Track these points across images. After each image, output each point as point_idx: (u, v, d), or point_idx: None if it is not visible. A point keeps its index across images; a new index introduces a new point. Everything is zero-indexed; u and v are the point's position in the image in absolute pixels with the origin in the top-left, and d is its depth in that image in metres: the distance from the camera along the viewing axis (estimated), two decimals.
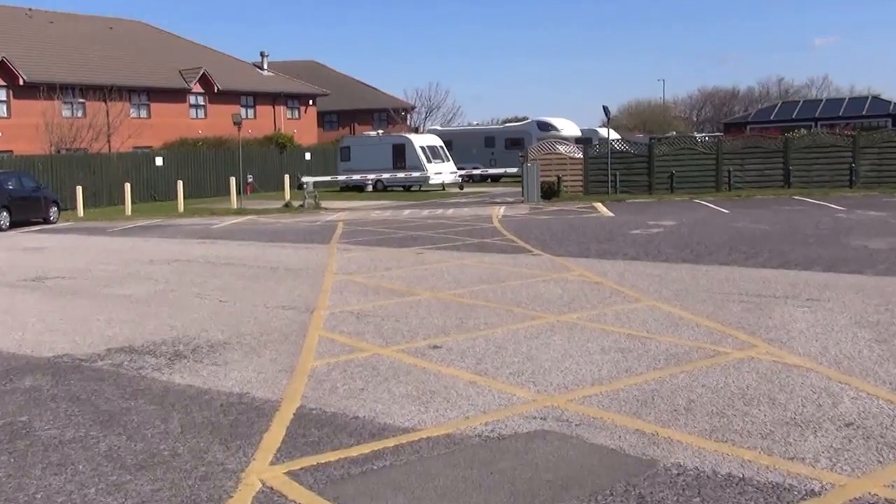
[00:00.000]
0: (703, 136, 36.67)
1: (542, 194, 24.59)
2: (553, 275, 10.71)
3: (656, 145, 26.85)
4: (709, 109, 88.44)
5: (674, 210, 20.35)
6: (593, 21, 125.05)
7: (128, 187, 26.59)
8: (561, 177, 25.51)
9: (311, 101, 47.18)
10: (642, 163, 25.92)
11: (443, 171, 33.38)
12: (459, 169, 34.16)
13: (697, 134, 38.36)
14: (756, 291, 9.11)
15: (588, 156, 26.21)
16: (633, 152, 26.22)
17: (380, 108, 52.86)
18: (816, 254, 11.90)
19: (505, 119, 60.27)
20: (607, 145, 26.23)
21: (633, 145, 27.37)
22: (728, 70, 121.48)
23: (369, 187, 33.78)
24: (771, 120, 40.51)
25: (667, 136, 40.21)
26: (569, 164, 26.20)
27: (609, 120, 27.62)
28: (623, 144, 27.03)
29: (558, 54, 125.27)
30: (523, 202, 24.27)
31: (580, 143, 28.28)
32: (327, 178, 30.43)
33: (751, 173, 25.46)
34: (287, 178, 29.79)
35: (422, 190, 33.61)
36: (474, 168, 35.45)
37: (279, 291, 10.01)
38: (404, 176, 31.78)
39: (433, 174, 32.67)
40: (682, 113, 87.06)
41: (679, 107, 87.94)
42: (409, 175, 31.59)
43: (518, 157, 29.96)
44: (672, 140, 29.69)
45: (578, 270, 11.00)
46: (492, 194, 29.72)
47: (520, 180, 26.05)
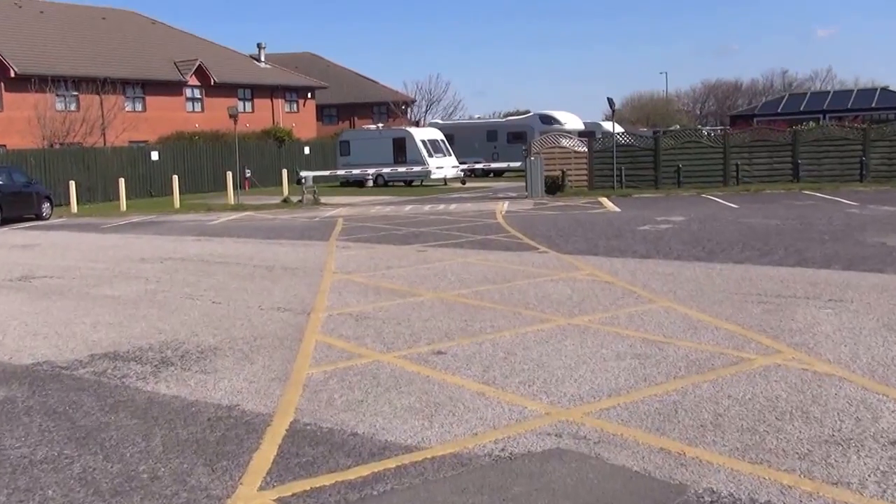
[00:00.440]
0: (710, 129, 36.12)
1: (546, 189, 24.14)
2: (561, 274, 10.28)
3: (662, 139, 26.36)
4: (712, 102, 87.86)
5: (682, 205, 19.90)
6: (593, 13, 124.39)
7: (122, 182, 26.13)
8: (565, 171, 25.04)
9: (309, 94, 46.65)
10: (648, 157, 25.44)
11: (444, 166, 32.89)
12: (461, 163, 33.70)
13: (706, 128, 37.80)
14: (775, 291, 8.69)
15: (593, 149, 25.74)
16: (638, 146, 25.75)
17: (379, 101, 52.36)
18: (833, 251, 11.47)
19: (507, 112, 59.71)
20: (612, 139, 25.75)
21: (639, 139, 26.90)
22: (730, 62, 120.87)
23: (369, 182, 33.32)
24: (778, 112, 39.96)
25: (670, 129, 39.73)
26: (573, 159, 25.74)
27: (614, 112, 27.10)
28: (626, 137, 26.56)
29: (559, 47, 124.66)
30: (527, 197, 23.83)
31: (583, 137, 27.80)
32: (326, 173, 29.96)
33: (759, 167, 25.00)
34: (285, 172, 29.33)
35: (423, 185, 33.15)
36: (476, 162, 34.96)
37: (275, 292, 9.58)
38: (405, 170, 31.31)
39: (434, 169, 32.19)
40: (684, 106, 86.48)
41: (682, 100, 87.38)
42: (410, 170, 31.12)
43: (522, 151, 29.50)
44: (678, 133, 29.21)
45: (587, 269, 10.57)
46: (495, 189, 29.28)
47: (523, 175, 25.60)
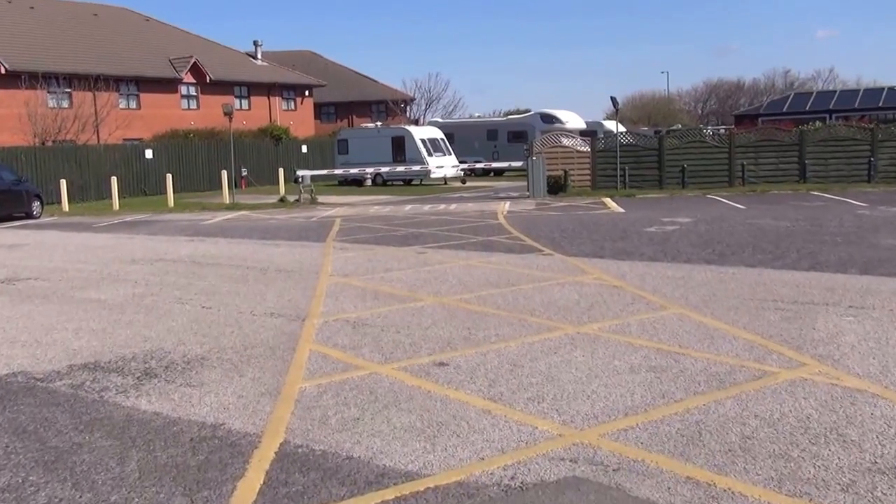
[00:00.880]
0: (716, 128, 35.69)
1: (549, 189, 23.73)
2: (567, 277, 9.87)
3: (666, 138, 25.96)
4: (714, 102, 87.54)
5: (688, 206, 19.51)
6: (594, 12, 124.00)
7: (114, 181, 25.67)
8: (567, 171, 24.64)
9: (307, 92, 46.18)
10: (652, 156, 25.04)
11: (444, 165, 32.48)
12: (461, 162, 33.28)
13: (711, 127, 37.38)
14: (791, 297, 8.29)
15: (595, 149, 25.33)
16: (642, 145, 25.35)
17: (378, 99, 51.92)
18: (847, 254, 11.09)
19: (507, 111, 59.29)
20: (616, 138, 25.35)
21: (642, 138, 26.50)
22: (731, 62, 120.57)
23: (368, 181, 32.91)
24: (783, 112, 39.52)
25: (672, 128, 39.33)
26: (575, 158, 25.33)
27: (618, 111, 26.70)
28: (628, 137, 26.16)
29: (559, 46, 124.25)
30: (529, 197, 23.42)
31: (585, 136, 27.40)
32: (324, 172, 29.54)
33: (765, 167, 24.60)
34: (282, 171, 28.90)
35: (423, 184, 32.73)
36: (476, 161, 34.55)
37: (268, 296, 9.17)
38: (404, 169, 30.88)
39: (434, 168, 31.78)
40: (686, 105, 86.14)
41: (683, 99, 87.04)
42: (410, 169, 30.70)
43: (523, 150, 29.08)
44: (682, 133, 28.80)
45: (594, 273, 10.16)
46: (496, 189, 28.87)
47: (524, 174, 25.20)
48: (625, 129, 28.69)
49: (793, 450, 4.30)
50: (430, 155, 32.22)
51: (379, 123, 38.42)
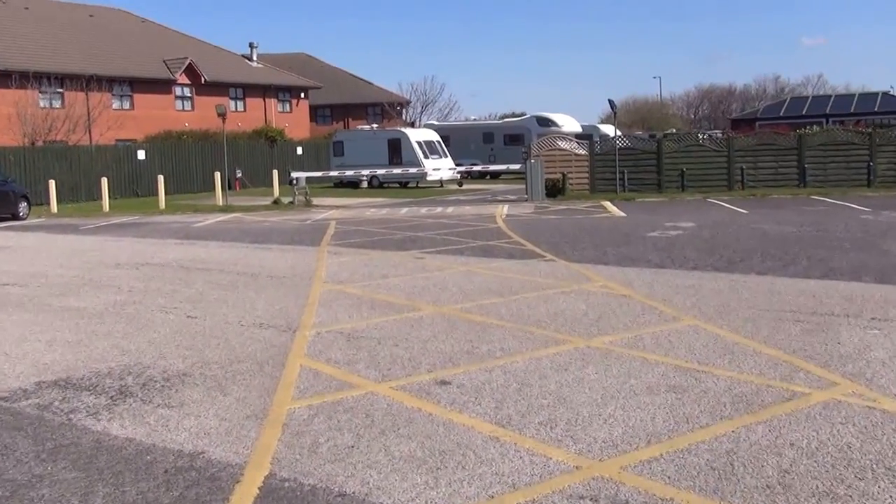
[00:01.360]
0: (713, 132, 35.35)
1: (547, 192, 23.32)
2: (572, 285, 9.42)
3: (665, 142, 25.59)
4: (706, 106, 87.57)
5: (688, 210, 19.10)
6: (587, 18, 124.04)
7: (104, 181, 25.14)
8: (566, 174, 24.23)
9: (302, 94, 45.72)
10: (651, 160, 24.66)
11: (440, 168, 32.04)
12: (457, 165, 32.86)
13: (706, 132, 37.03)
14: (809, 308, 7.86)
15: (594, 152, 24.94)
16: (641, 149, 24.97)
17: (374, 102, 51.49)
18: (859, 261, 10.68)
19: (502, 114, 58.93)
20: (614, 141, 24.96)
21: (640, 141, 26.13)
22: (721, 69, 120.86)
23: (364, 183, 32.45)
24: (781, 116, 39.36)
25: (667, 133, 39.05)
26: (573, 161, 24.92)
27: (615, 114, 26.32)
28: (625, 140, 25.77)
29: (553, 50, 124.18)
30: (527, 200, 22.99)
31: (580, 140, 27.02)
32: (318, 174, 29.06)
33: (764, 171, 24.27)
34: (276, 173, 28.40)
35: (419, 187, 32.29)
36: (472, 164, 34.13)
37: (258, 304, 8.69)
38: (400, 172, 30.44)
39: (431, 170, 31.34)
40: (679, 110, 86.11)
41: (676, 104, 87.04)
42: (406, 171, 30.25)
43: (521, 153, 28.68)
44: (681, 136, 28.45)
45: (600, 280, 9.72)
46: (493, 192, 28.43)
47: (520, 177, 24.78)
48: (620, 133, 28.32)
49: (838, 486, 3.85)
50: (426, 157, 31.80)
51: (375, 125, 37.99)
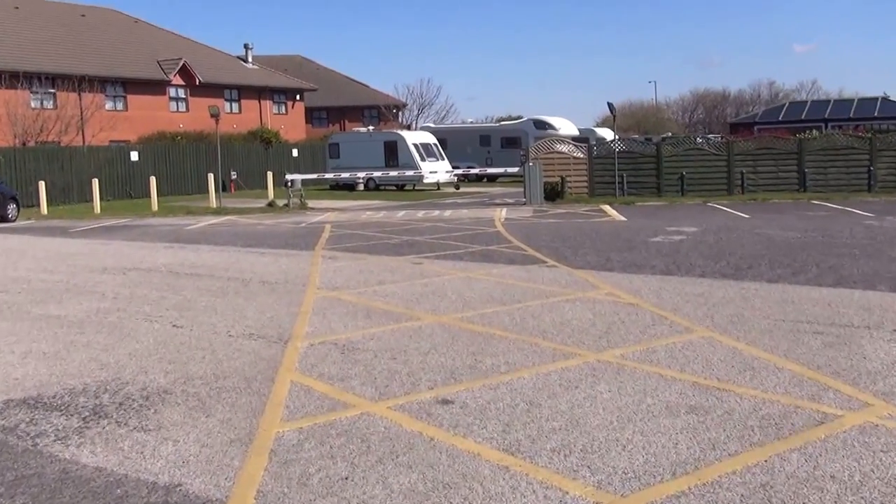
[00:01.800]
0: (712, 136, 35.09)
1: (545, 196, 22.95)
2: (577, 293, 9.02)
3: (664, 145, 25.28)
4: (701, 111, 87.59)
5: (690, 214, 18.75)
6: (583, 23, 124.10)
7: (95, 183, 24.67)
8: (564, 177, 23.87)
9: (297, 97, 45.33)
10: (650, 164, 24.32)
11: (437, 170, 31.70)
12: (453, 168, 32.49)
13: (702, 136, 36.79)
14: (826, 318, 7.48)
15: (593, 155, 24.59)
16: (640, 152, 24.64)
17: (370, 104, 51.14)
18: (871, 269, 10.31)
19: (499, 117, 58.57)
20: (613, 145, 24.62)
21: (639, 144, 25.80)
22: (715, 73, 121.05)
23: (360, 186, 32.06)
24: (779, 120, 39.15)
25: (663, 136, 38.81)
26: (572, 164, 24.56)
27: (615, 118, 25.98)
28: (628, 143, 25.43)
29: (549, 55, 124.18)
30: (525, 204, 22.61)
31: (577, 143, 26.68)
32: (314, 176, 28.64)
33: (764, 176, 23.97)
34: (271, 175, 27.97)
35: (415, 189, 31.90)
36: (469, 167, 33.76)
37: (248, 312, 8.27)
38: (397, 174, 30.04)
39: (427, 173, 30.98)
40: (674, 115, 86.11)
41: (671, 108, 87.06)
42: (402, 174, 29.86)
43: (520, 155, 28.33)
44: (681, 140, 28.15)
45: (605, 287, 9.32)
46: (490, 195, 28.03)
47: (517, 180, 24.42)
48: (617, 137, 28.00)
49: None
50: (423, 160, 31.44)
51: (371, 127, 37.60)
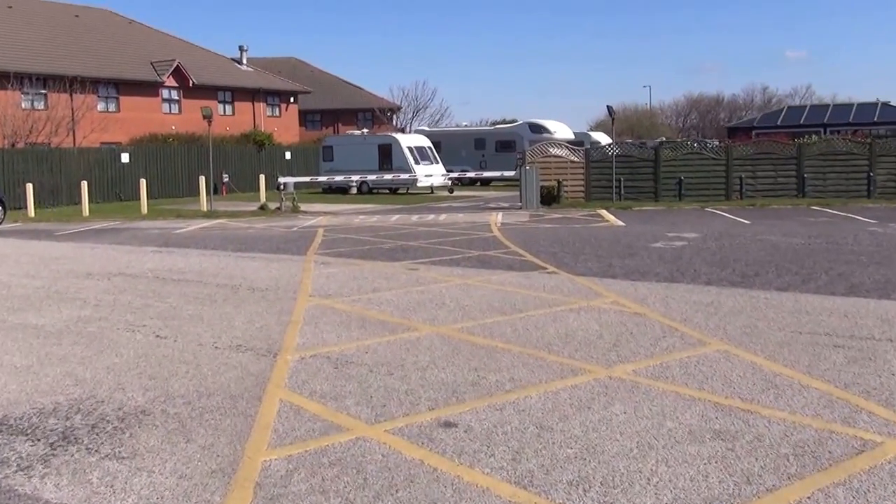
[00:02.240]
0: (709, 141, 34.82)
1: (542, 200, 22.58)
2: (580, 301, 8.63)
3: (662, 150, 24.96)
4: (695, 116, 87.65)
5: (689, 220, 18.40)
6: (578, 28, 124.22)
7: (84, 185, 24.16)
8: (561, 181, 23.51)
9: (292, 99, 44.88)
10: (648, 168, 23.99)
11: (432, 174, 31.31)
12: (448, 171, 32.11)
13: (698, 140, 36.52)
14: (845, 330, 7.11)
15: (590, 159, 24.25)
16: (637, 156, 24.31)
17: (364, 107, 50.75)
18: (883, 277, 9.96)
19: (494, 121, 58.31)
20: (611, 149, 24.28)
21: (637, 149, 25.48)
22: (709, 78, 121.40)
23: (353, 189, 31.65)
24: (778, 125, 38.92)
25: (658, 141, 38.58)
26: (568, 168, 24.20)
27: (613, 121, 25.68)
28: (625, 148, 25.11)
29: (544, 59, 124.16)
30: (521, 208, 22.23)
31: (573, 147, 26.34)
32: (307, 179, 28.18)
33: (763, 181, 23.65)
34: (263, 178, 27.51)
35: (409, 193, 31.50)
36: (464, 171, 33.39)
37: (236, 322, 7.83)
38: (391, 178, 29.63)
39: (422, 176, 30.58)
40: (668, 119, 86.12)
41: (665, 113, 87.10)
42: (397, 177, 29.45)
43: (516, 158, 27.95)
44: (679, 144, 27.84)
45: (610, 296, 8.93)
46: (485, 199, 27.66)
47: (512, 184, 24.04)
48: (611, 141, 27.67)
49: None
50: (417, 163, 31.05)
51: (365, 131, 37.22)
